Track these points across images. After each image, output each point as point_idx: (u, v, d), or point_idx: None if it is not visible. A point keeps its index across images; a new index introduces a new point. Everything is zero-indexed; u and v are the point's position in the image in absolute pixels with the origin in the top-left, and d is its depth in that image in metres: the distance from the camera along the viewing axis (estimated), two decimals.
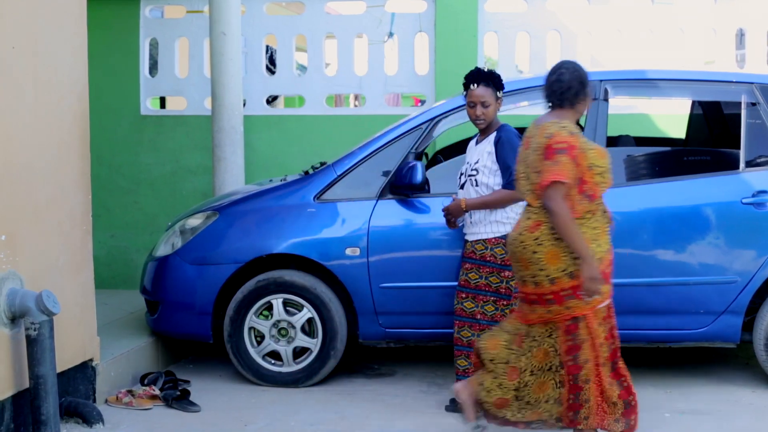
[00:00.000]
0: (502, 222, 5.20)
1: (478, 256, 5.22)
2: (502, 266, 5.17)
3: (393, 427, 5.17)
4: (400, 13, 8.37)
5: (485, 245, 5.21)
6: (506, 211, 5.21)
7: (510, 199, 5.15)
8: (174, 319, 6.04)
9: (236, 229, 5.92)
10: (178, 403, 5.50)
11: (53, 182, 4.99)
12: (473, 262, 5.24)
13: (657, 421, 5.23)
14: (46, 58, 4.93)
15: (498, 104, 5.32)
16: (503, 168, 5.19)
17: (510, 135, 5.25)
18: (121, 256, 8.42)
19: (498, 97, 5.31)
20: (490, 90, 5.29)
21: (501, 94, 5.31)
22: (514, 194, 5.07)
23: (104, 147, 8.17)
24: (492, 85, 5.30)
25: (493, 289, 5.20)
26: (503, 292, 5.19)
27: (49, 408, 4.63)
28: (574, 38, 8.23)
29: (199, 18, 8.40)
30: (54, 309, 4.56)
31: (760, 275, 5.61)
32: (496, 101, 5.31)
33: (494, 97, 5.30)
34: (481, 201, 5.22)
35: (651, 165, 6.14)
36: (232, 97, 7.41)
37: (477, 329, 5.19)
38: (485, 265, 5.21)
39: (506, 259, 5.13)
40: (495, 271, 5.19)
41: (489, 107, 5.29)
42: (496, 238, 5.20)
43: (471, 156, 5.38)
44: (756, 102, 5.77)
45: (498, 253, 5.19)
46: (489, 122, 5.32)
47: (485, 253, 5.21)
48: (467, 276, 5.24)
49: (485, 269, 5.21)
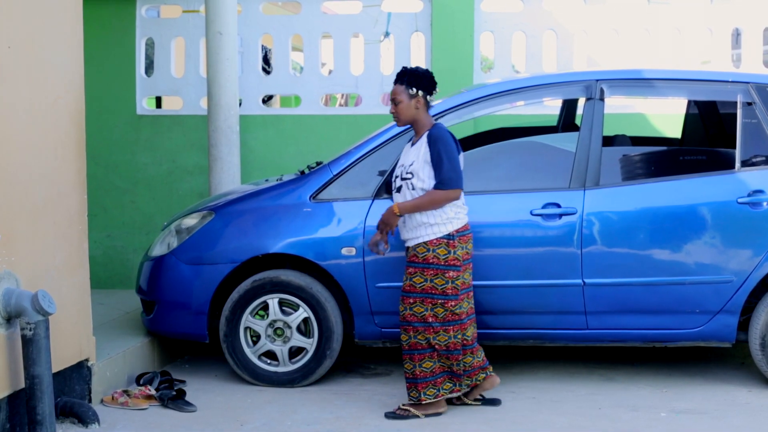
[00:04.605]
0: (441, 223, 5.16)
1: (421, 260, 5.17)
2: (445, 267, 5.15)
3: (389, 426, 5.17)
4: (396, 12, 8.38)
5: (427, 247, 5.17)
6: (444, 210, 5.16)
7: (443, 200, 5.12)
8: (170, 319, 6.04)
9: (232, 229, 5.92)
10: (173, 403, 5.49)
11: (49, 182, 4.99)
12: (417, 266, 5.18)
13: (653, 421, 5.24)
14: (42, 58, 4.93)
15: (416, 103, 5.24)
16: (436, 167, 5.14)
17: (442, 133, 5.19)
18: (117, 256, 8.41)
19: (413, 95, 5.24)
20: (402, 87, 5.25)
21: (420, 93, 5.23)
22: (448, 194, 5.10)
23: (100, 147, 8.17)
24: (405, 83, 5.25)
25: (440, 291, 5.17)
26: (450, 292, 5.17)
27: (44, 408, 4.63)
28: (571, 38, 8.23)
29: (195, 18, 8.39)
30: (50, 309, 4.56)
31: (755, 275, 5.62)
32: (411, 99, 5.24)
33: (407, 95, 5.24)
34: (413, 204, 5.16)
35: (647, 165, 6.15)
36: (229, 96, 7.41)
37: (431, 333, 5.18)
38: (429, 267, 5.16)
39: (449, 259, 5.13)
40: (439, 272, 5.15)
41: (400, 104, 5.26)
42: (437, 239, 5.16)
43: (406, 158, 5.33)
44: (752, 101, 5.77)
45: (441, 253, 5.15)
46: (404, 120, 5.29)
47: (428, 255, 5.16)
48: (412, 281, 5.19)
49: (429, 272, 5.16)
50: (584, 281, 5.66)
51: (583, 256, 5.64)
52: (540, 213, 5.69)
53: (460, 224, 5.22)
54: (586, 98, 5.92)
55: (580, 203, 5.67)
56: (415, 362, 5.24)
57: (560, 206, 5.68)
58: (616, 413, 5.37)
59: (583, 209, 5.66)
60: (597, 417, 5.31)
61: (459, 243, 5.18)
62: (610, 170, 5.85)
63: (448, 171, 5.12)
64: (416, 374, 5.24)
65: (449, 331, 5.19)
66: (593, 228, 5.65)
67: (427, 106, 5.32)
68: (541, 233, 5.68)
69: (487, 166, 6.03)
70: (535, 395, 5.71)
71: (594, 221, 5.66)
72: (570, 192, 5.71)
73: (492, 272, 5.69)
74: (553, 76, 6.50)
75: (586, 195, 5.69)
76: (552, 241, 5.67)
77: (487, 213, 5.76)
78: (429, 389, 5.25)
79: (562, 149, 5.93)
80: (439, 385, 5.26)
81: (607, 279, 5.66)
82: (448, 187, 5.12)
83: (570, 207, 5.67)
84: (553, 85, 6.20)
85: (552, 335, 5.83)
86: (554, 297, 5.70)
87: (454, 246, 5.17)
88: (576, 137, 5.83)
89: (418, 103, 5.27)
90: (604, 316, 5.72)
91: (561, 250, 5.67)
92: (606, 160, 5.79)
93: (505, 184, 5.86)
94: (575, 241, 5.65)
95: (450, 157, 5.13)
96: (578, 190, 5.71)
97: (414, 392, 5.26)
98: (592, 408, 5.47)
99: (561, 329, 5.79)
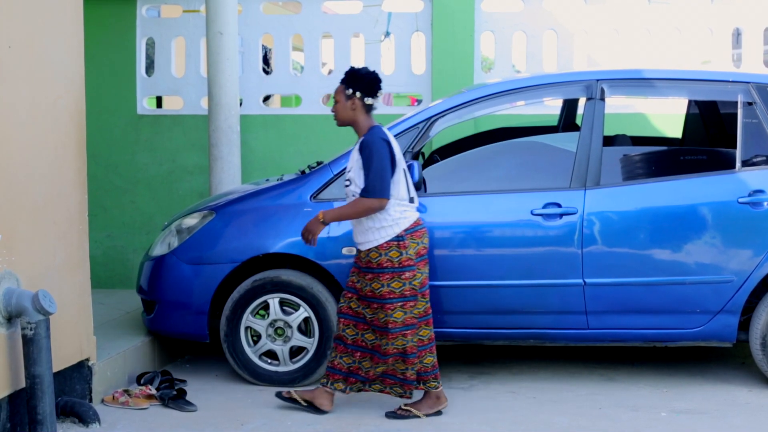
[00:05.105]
0: (388, 226, 5.12)
1: (376, 264, 5.14)
2: (400, 269, 5.12)
3: (389, 426, 5.17)
4: (396, 12, 8.37)
5: (379, 252, 5.13)
6: (388, 212, 5.12)
7: (367, 209, 5.06)
8: (170, 318, 6.04)
9: (233, 229, 5.92)
10: (174, 402, 5.49)
11: (50, 182, 4.99)
12: (373, 271, 5.15)
13: (653, 421, 5.24)
14: (42, 58, 4.93)
15: (352, 104, 5.20)
16: (364, 175, 5.09)
17: (373, 140, 5.10)
18: (118, 256, 8.41)
19: (350, 96, 5.20)
20: (341, 87, 5.23)
21: (358, 94, 5.18)
22: (372, 203, 5.04)
23: (101, 146, 8.17)
24: (344, 83, 5.22)
25: (398, 294, 5.15)
26: (408, 293, 5.16)
27: (45, 408, 4.63)
28: (571, 38, 8.23)
29: (195, 17, 8.39)
30: (50, 309, 4.56)
31: (756, 275, 5.62)
32: (348, 100, 5.20)
33: (344, 95, 5.20)
34: (338, 213, 5.14)
35: (647, 164, 6.15)
36: (229, 96, 7.41)
37: (390, 338, 5.16)
38: (384, 272, 5.13)
39: (403, 260, 5.12)
40: (395, 275, 5.13)
41: (337, 104, 5.24)
42: (387, 243, 5.12)
43: (349, 162, 5.30)
44: (752, 101, 5.77)
45: (393, 256, 5.12)
46: (340, 120, 5.26)
47: (381, 260, 5.13)
48: (371, 286, 5.16)
49: (385, 276, 5.13)
50: (585, 281, 5.66)
51: (583, 256, 5.64)
52: (541, 213, 5.69)
53: (408, 223, 5.17)
54: (587, 98, 5.92)
55: (581, 203, 5.67)
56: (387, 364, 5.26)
57: (561, 206, 5.68)
58: (616, 413, 5.37)
59: (583, 209, 5.66)
60: (597, 417, 5.31)
61: (410, 242, 5.15)
62: (611, 170, 5.85)
63: (373, 180, 5.05)
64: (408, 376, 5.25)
65: (407, 336, 5.18)
66: (594, 228, 5.65)
67: (368, 109, 5.24)
68: (542, 233, 5.68)
69: (488, 166, 6.04)
70: (536, 395, 5.71)
71: (594, 221, 5.66)
72: (570, 192, 5.71)
73: (493, 272, 5.69)
74: (553, 76, 6.50)
75: (587, 195, 5.69)
76: (552, 241, 5.67)
77: (487, 213, 5.77)
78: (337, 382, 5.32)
79: (563, 149, 5.93)
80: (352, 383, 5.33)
81: (607, 279, 5.66)
82: (372, 196, 5.04)
83: (570, 207, 5.67)
84: (553, 85, 6.20)
85: (552, 335, 5.83)
86: (555, 297, 5.70)
87: (405, 246, 5.13)
88: (576, 137, 5.83)
89: (354, 105, 5.20)
90: (605, 316, 5.72)
91: (562, 250, 5.67)
92: (606, 159, 5.79)
93: (505, 184, 5.86)
94: (576, 240, 5.65)
95: (377, 166, 5.05)
96: (579, 190, 5.71)
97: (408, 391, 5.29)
98: (592, 408, 5.47)
99: (561, 329, 5.79)
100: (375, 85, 5.24)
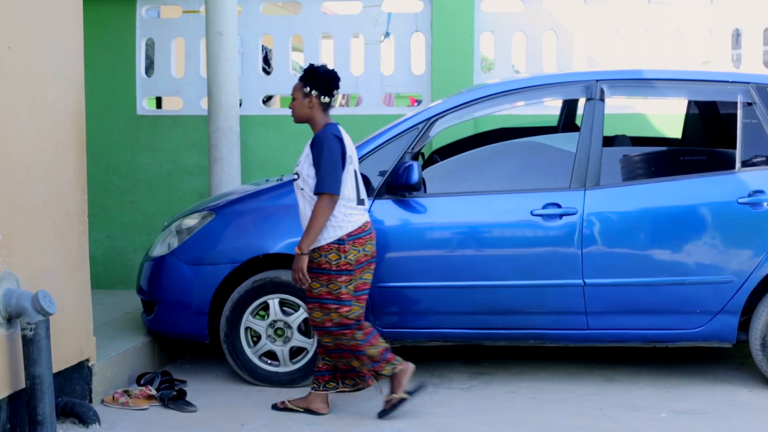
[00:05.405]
0: (331, 227, 5.12)
1: (316, 265, 5.14)
2: (337, 272, 5.12)
3: (389, 426, 5.17)
4: (396, 13, 8.38)
5: (319, 253, 5.13)
6: (333, 215, 5.12)
7: (323, 208, 5.05)
8: (170, 319, 6.04)
9: (233, 229, 5.91)
10: (174, 403, 5.49)
11: (50, 182, 4.99)
12: (313, 271, 5.15)
13: (654, 421, 5.24)
14: (42, 58, 4.93)
15: (309, 102, 5.21)
16: (316, 171, 5.11)
17: (326, 137, 5.12)
18: (118, 256, 8.41)
19: (306, 94, 5.21)
20: (299, 84, 5.25)
21: (314, 92, 5.19)
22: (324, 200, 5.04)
23: (101, 147, 8.17)
24: (301, 80, 5.25)
25: (335, 297, 5.16)
26: (344, 297, 5.16)
27: (45, 408, 4.63)
28: (571, 38, 8.23)
29: (195, 18, 8.39)
30: (50, 309, 4.56)
31: (756, 275, 5.62)
32: (305, 98, 5.21)
33: (302, 93, 5.22)
34: (308, 235, 5.08)
35: (647, 165, 6.15)
36: (229, 97, 7.41)
37: (336, 335, 5.20)
38: (323, 273, 5.14)
39: (341, 264, 5.12)
40: (332, 278, 5.13)
41: (294, 101, 5.26)
42: (328, 245, 5.13)
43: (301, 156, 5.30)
44: (752, 102, 5.77)
45: (332, 259, 5.12)
46: (297, 118, 5.29)
47: (321, 261, 5.14)
48: (310, 285, 5.18)
49: (323, 277, 5.14)
50: (585, 281, 5.66)
51: (583, 257, 5.64)
52: (540, 213, 5.69)
53: (353, 227, 5.15)
54: (587, 98, 5.92)
55: (581, 203, 5.67)
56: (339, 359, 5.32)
57: (561, 206, 5.68)
58: (616, 413, 5.37)
59: (583, 209, 5.67)
60: (597, 417, 5.31)
61: (351, 247, 5.14)
62: (611, 170, 5.85)
63: (324, 175, 5.05)
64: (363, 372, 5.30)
65: (346, 335, 5.20)
66: (594, 228, 5.65)
67: (324, 107, 5.25)
68: (542, 233, 5.68)
69: (488, 167, 6.04)
70: (536, 395, 5.71)
71: (594, 221, 5.66)
72: (570, 192, 5.71)
73: (492, 272, 5.69)
74: (553, 77, 6.50)
75: (587, 195, 5.69)
76: (552, 242, 5.67)
77: (487, 213, 5.77)
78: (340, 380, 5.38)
79: (563, 149, 5.93)
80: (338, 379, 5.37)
81: (607, 279, 5.66)
82: (323, 191, 5.05)
83: (570, 207, 5.67)
84: (553, 86, 6.20)
85: (552, 335, 5.83)
86: (555, 297, 5.70)
87: (345, 251, 5.12)
88: (576, 137, 5.84)
89: (311, 103, 5.22)
90: (605, 317, 5.72)
91: (561, 251, 5.67)
92: (606, 160, 5.79)
93: (505, 185, 5.86)
94: (576, 241, 5.65)
95: (328, 161, 5.06)
96: (578, 191, 5.71)
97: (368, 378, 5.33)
98: (592, 408, 5.47)
99: (561, 329, 5.79)
100: (332, 84, 5.25)
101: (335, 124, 5.24)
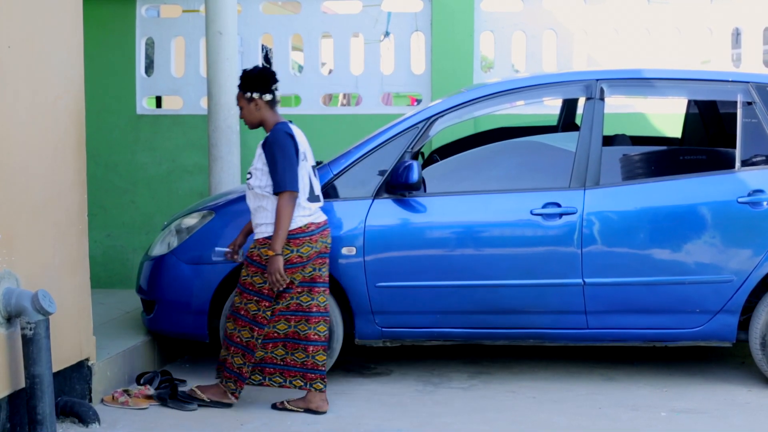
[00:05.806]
0: (269, 223, 5.17)
1: (248, 254, 5.27)
2: (265, 266, 5.17)
3: (389, 426, 5.17)
4: (396, 12, 8.38)
5: (255, 245, 5.24)
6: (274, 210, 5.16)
7: (285, 207, 5.08)
8: (170, 318, 6.04)
9: (232, 229, 5.90)
10: (174, 402, 5.49)
11: (49, 182, 4.99)
12: (246, 259, 5.28)
13: (653, 420, 5.24)
14: (42, 58, 4.93)
15: (255, 105, 5.27)
16: (271, 172, 5.14)
17: (278, 136, 5.17)
18: (118, 256, 8.41)
19: (250, 99, 5.27)
20: (240, 93, 5.31)
21: (256, 95, 5.25)
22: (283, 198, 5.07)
23: (100, 146, 8.16)
24: (240, 88, 5.31)
25: (256, 289, 5.21)
26: (266, 293, 5.20)
27: (45, 407, 4.63)
28: (571, 37, 8.23)
29: (195, 17, 8.39)
30: (50, 308, 4.56)
31: (755, 274, 5.62)
32: (250, 103, 5.28)
33: (245, 100, 5.29)
34: (277, 236, 5.10)
35: (647, 164, 6.15)
36: (229, 96, 7.39)
37: (240, 325, 5.26)
38: (252, 264, 5.23)
39: None
40: (259, 271, 5.19)
41: (242, 110, 5.33)
42: (264, 239, 5.19)
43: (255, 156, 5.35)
44: (752, 101, 5.78)
45: (264, 253, 5.17)
46: (251, 124, 5.35)
47: (253, 252, 5.24)
48: (241, 272, 5.31)
49: (252, 268, 5.23)
50: (584, 281, 5.66)
51: (583, 256, 5.64)
52: (540, 212, 5.69)
53: (294, 226, 5.18)
54: (586, 98, 5.93)
55: (580, 203, 5.68)
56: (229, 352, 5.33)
57: (560, 206, 5.68)
58: (616, 413, 5.37)
59: (583, 209, 5.67)
60: (597, 416, 5.32)
61: (289, 246, 5.16)
62: (610, 170, 5.85)
63: (281, 173, 5.09)
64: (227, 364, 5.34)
65: (255, 331, 5.25)
66: (593, 227, 5.65)
67: (271, 105, 5.31)
68: (542, 233, 5.68)
69: (487, 166, 6.04)
70: (535, 395, 5.72)
71: (594, 221, 5.66)
72: (570, 191, 5.71)
73: (492, 272, 5.70)
74: (553, 76, 6.51)
75: (586, 194, 5.69)
76: (552, 241, 5.67)
77: (487, 213, 5.77)
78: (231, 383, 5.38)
79: (562, 149, 5.93)
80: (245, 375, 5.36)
81: (607, 278, 5.67)
82: (282, 189, 5.08)
83: (570, 206, 5.67)
84: (553, 85, 6.21)
85: (552, 335, 5.83)
86: (554, 297, 5.70)
87: None
88: (576, 137, 5.84)
89: (257, 105, 5.28)
90: (605, 316, 5.73)
91: (561, 250, 5.67)
92: (606, 159, 5.79)
93: (505, 184, 5.86)
94: (575, 240, 5.65)
95: (282, 159, 5.11)
96: (578, 190, 5.71)
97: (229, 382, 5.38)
98: (592, 407, 5.47)
99: (561, 329, 5.79)
100: (269, 81, 5.30)
101: (285, 122, 5.30)
